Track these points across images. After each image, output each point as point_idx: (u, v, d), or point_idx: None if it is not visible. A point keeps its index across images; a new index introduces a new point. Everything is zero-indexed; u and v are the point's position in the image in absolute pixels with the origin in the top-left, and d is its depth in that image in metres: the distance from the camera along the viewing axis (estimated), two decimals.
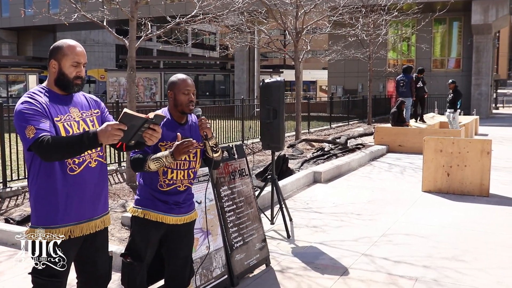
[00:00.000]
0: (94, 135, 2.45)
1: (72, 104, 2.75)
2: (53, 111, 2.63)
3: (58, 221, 2.63)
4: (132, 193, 7.50)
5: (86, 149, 2.54)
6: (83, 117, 2.75)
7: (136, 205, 3.22)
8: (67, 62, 2.69)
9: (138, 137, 2.54)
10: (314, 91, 48.56)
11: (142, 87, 31.81)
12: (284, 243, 5.47)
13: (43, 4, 21.06)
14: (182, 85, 3.19)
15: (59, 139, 2.51)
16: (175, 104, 3.20)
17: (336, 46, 19.41)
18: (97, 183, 2.77)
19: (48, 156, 2.51)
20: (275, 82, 5.77)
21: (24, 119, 2.53)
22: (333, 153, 11.22)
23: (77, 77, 2.71)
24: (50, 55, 2.73)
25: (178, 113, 3.22)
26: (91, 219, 2.75)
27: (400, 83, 15.84)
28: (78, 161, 2.66)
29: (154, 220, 3.16)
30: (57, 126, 2.60)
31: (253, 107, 16.81)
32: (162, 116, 2.59)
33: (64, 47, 2.71)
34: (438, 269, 4.70)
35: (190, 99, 3.19)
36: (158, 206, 3.17)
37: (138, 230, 3.21)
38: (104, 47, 49.56)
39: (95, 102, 2.90)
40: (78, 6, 8.31)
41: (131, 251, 3.24)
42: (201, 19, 9.84)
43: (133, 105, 8.02)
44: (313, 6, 13.30)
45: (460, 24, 28.97)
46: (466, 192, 7.86)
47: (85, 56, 2.76)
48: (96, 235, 2.80)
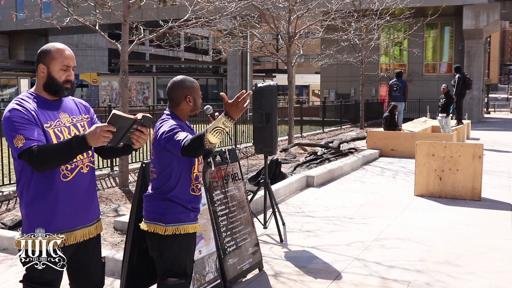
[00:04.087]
0: (83, 139, 2.42)
1: (62, 109, 2.70)
2: (43, 117, 2.58)
3: (52, 229, 2.58)
4: (124, 197, 7.47)
5: (77, 153, 2.51)
6: (74, 122, 2.71)
7: (167, 222, 2.99)
8: (56, 66, 2.64)
9: (126, 138, 2.51)
10: (306, 95, 48.68)
11: (135, 91, 31.76)
12: (277, 247, 5.47)
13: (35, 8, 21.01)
14: (198, 88, 3.16)
15: (49, 148, 2.47)
16: (193, 109, 3.13)
17: (329, 51, 19.48)
18: (89, 189, 2.74)
19: (39, 166, 2.47)
20: (267, 86, 5.78)
21: (12, 128, 2.49)
22: (326, 157, 11.24)
23: (66, 81, 2.66)
24: (38, 59, 2.68)
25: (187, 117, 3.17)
26: (85, 226, 2.72)
27: (394, 87, 15.96)
28: (71, 167, 2.62)
29: (192, 232, 3.08)
30: (47, 132, 2.55)
31: (246, 111, 16.82)
32: (151, 118, 2.55)
33: (53, 50, 2.66)
34: (430, 273, 4.71)
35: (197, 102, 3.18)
36: (190, 217, 3.06)
37: (181, 246, 3.03)
38: (97, 51, 49.43)
39: (85, 107, 2.86)
40: (71, 10, 8.29)
41: (174, 271, 3.04)
42: (194, 23, 9.84)
43: (126, 109, 7.99)
44: (305, 11, 13.34)
45: (451, 29, 29.19)
46: (458, 196, 7.89)
47: (74, 59, 2.72)
48: (89, 241, 2.76)
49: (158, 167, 3.04)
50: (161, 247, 3.02)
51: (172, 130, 2.89)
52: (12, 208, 6.79)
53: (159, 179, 3.04)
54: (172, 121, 2.99)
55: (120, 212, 6.63)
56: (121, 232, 5.61)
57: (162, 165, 3.01)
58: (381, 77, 27.82)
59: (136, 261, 3.70)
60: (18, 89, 28.55)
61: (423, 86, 28.45)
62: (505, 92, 77.93)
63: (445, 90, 14.69)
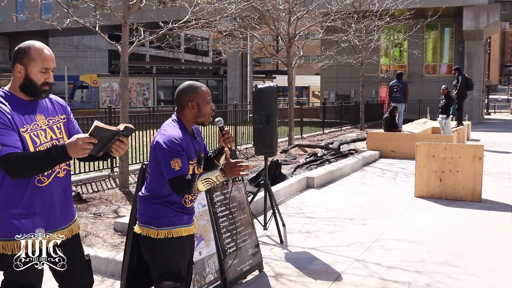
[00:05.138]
0: (63, 149, 2.36)
1: (38, 110, 2.59)
2: (19, 120, 2.47)
3: (24, 232, 2.51)
4: (124, 198, 7.48)
5: (56, 163, 2.46)
6: (50, 124, 2.62)
7: (159, 226, 2.97)
8: (34, 68, 2.52)
9: (106, 148, 2.48)
10: (306, 97, 48.69)
11: (135, 93, 31.77)
12: (277, 248, 5.47)
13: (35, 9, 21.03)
14: (205, 94, 3.03)
15: (27, 156, 2.40)
16: (197, 115, 3.01)
17: (329, 52, 19.49)
18: (64, 192, 2.68)
19: (16, 174, 2.40)
20: (267, 88, 5.78)
21: None
22: (326, 159, 11.24)
23: (45, 83, 2.56)
24: (15, 58, 2.54)
25: (193, 124, 3.08)
26: (57, 229, 2.64)
27: (394, 88, 15.97)
28: (47, 173, 2.55)
29: (185, 235, 3.04)
30: (23, 137, 2.46)
31: (246, 112, 16.83)
32: (133, 128, 2.51)
33: (32, 50, 2.53)
34: (430, 274, 4.71)
35: (212, 107, 3.06)
36: (183, 220, 3.03)
37: (174, 249, 3.00)
38: (97, 52, 49.48)
39: (61, 107, 2.75)
40: (71, 11, 8.30)
41: (169, 275, 3.01)
42: (194, 25, 9.85)
43: (126, 111, 8.01)
44: (305, 12, 13.35)
45: (451, 30, 29.20)
46: (459, 197, 7.89)
47: (54, 61, 2.60)
48: (68, 243, 2.69)
49: (152, 170, 2.99)
50: (154, 250, 3.00)
51: (170, 152, 2.85)
52: None
53: (153, 182, 3.00)
54: (173, 136, 2.89)
55: (120, 213, 6.63)
56: (121, 234, 5.61)
57: (156, 170, 2.96)
58: (381, 78, 27.83)
59: (136, 263, 3.70)
60: None
61: (423, 87, 28.45)
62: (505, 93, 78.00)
63: (445, 91, 14.69)
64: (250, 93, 29.57)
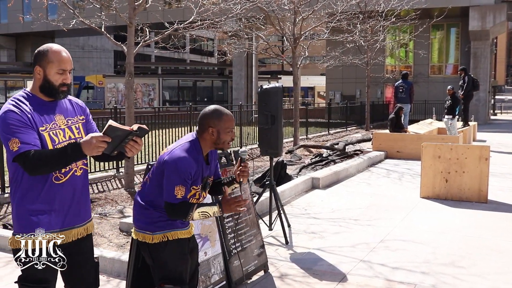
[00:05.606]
0: (78, 147, 2.43)
1: (58, 110, 2.70)
2: (38, 120, 2.58)
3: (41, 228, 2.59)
4: (130, 199, 7.49)
5: (72, 161, 2.54)
6: (69, 124, 2.71)
7: (154, 231, 2.97)
8: (52, 69, 2.62)
9: (120, 148, 2.54)
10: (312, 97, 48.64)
11: (140, 93, 31.82)
12: (282, 249, 5.47)
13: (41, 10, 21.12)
14: (228, 123, 2.98)
15: (44, 153, 2.47)
16: (215, 142, 2.97)
17: (334, 52, 19.46)
18: (81, 191, 2.75)
19: (34, 171, 2.49)
20: (273, 88, 5.78)
21: (8, 130, 2.49)
22: (331, 159, 11.22)
23: (62, 84, 2.65)
24: (35, 61, 2.66)
25: (211, 148, 3.04)
26: (73, 227, 2.72)
27: (399, 89, 15.93)
28: (65, 170, 2.63)
29: (183, 238, 3.03)
30: (42, 136, 2.56)
31: (251, 113, 16.84)
32: (146, 129, 2.54)
33: (49, 53, 2.63)
34: (436, 275, 4.70)
35: (232, 137, 3.02)
36: (176, 225, 3.01)
37: (171, 253, 2.99)
38: (102, 53, 49.61)
39: (81, 108, 2.84)
40: (76, 12, 8.33)
41: (169, 278, 3.00)
42: (199, 25, 9.86)
43: (131, 111, 8.03)
44: (311, 12, 13.34)
45: (457, 30, 29.08)
46: (465, 198, 7.86)
47: (71, 62, 2.70)
48: (80, 242, 2.77)
49: (155, 181, 2.97)
50: (151, 255, 3.01)
51: (178, 178, 2.83)
52: None
53: (153, 193, 2.98)
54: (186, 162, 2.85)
55: (126, 213, 6.65)
56: (127, 234, 5.63)
57: (159, 183, 2.94)
58: (387, 78, 27.76)
59: (141, 263, 3.70)
60: None
61: (429, 87, 28.36)
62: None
63: (451, 91, 14.63)
64: (256, 93, 29.56)
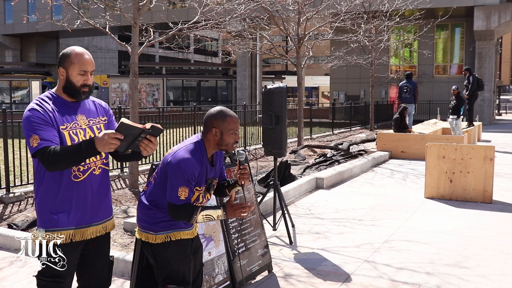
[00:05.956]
0: (91, 143, 2.50)
1: (80, 111, 2.79)
2: (60, 118, 2.67)
3: (59, 224, 2.69)
4: (134, 199, 7.51)
5: (86, 157, 2.60)
6: (90, 124, 2.79)
7: (157, 231, 2.97)
8: (74, 70, 2.72)
9: (134, 146, 2.57)
10: (316, 97, 48.63)
11: (145, 93, 31.88)
12: (286, 249, 5.47)
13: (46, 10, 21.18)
14: (231, 125, 2.96)
15: (60, 149, 2.55)
16: (219, 143, 2.97)
17: (338, 52, 19.45)
18: (100, 190, 2.82)
19: (50, 167, 2.57)
20: (277, 88, 5.79)
21: (30, 127, 2.59)
22: (335, 159, 11.21)
23: (84, 85, 2.75)
24: (59, 63, 2.77)
25: (215, 150, 3.02)
26: (90, 225, 2.79)
27: (404, 89, 15.91)
28: (83, 169, 2.71)
29: (186, 238, 3.03)
30: (62, 134, 2.65)
31: (256, 113, 16.83)
32: (160, 128, 2.56)
33: (72, 55, 2.73)
34: (440, 276, 4.68)
35: (236, 139, 3.00)
36: (179, 225, 3.00)
37: (175, 253, 2.99)
38: (107, 53, 49.72)
39: (103, 109, 2.93)
40: (81, 13, 8.35)
41: (172, 278, 3.00)
42: (203, 25, 9.87)
43: (136, 111, 8.04)
44: (315, 13, 13.33)
45: (462, 30, 28.99)
46: (469, 198, 7.84)
47: (93, 64, 2.80)
48: (98, 239, 2.84)
49: (160, 182, 2.97)
50: (154, 255, 3.01)
51: (182, 179, 2.83)
52: (23, 209, 6.84)
53: (157, 193, 2.98)
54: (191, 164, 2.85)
55: (130, 213, 6.66)
56: (131, 234, 5.64)
57: (163, 184, 2.94)
58: (391, 78, 27.71)
59: (146, 263, 3.71)
60: (29, 91, 28.73)
61: (433, 87, 28.28)
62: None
63: (456, 91, 14.60)
64: (260, 93, 29.57)
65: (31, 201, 7.24)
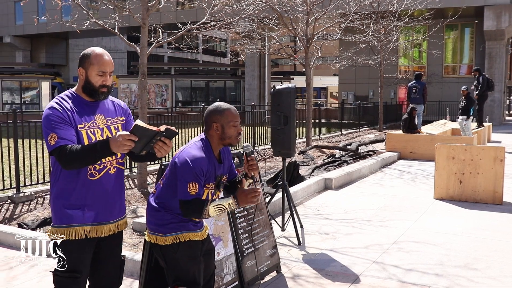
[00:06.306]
0: (106, 144, 2.54)
1: (98, 111, 2.84)
2: (78, 117, 2.72)
3: (74, 220, 2.74)
4: (143, 198, 7.53)
5: (101, 157, 2.66)
6: (108, 124, 2.84)
7: (166, 232, 2.97)
8: (93, 71, 2.77)
9: (149, 148, 2.60)
10: (324, 98, 48.55)
11: (153, 94, 31.96)
12: (295, 249, 5.46)
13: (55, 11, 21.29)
14: (230, 117, 3.01)
15: (76, 149, 2.59)
16: (221, 137, 3.00)
17: (347, 53, 19.39)
18: (114, 189, 2.87)
19: (67, 165, 2.63)
20: (286, 89, 5.78)
21: (49, 126, 2.65)
22: (344, 160, 11.18)
23: (102, 85, 2.79)
24: (79, 63, 2.82)
25: (220, 146, 3.04)
26: (105, 223, 2.84)
27: (412, 89, 15.83)
28: (99, 168, 2.76)
29: (195, 240, 3.02)
30: (80, 133, 2.70)
31: (264, 113, 16.84)
32: (174, 131, 2.58)
33: (91, 56, 2.78)
34: (450, 277, 4.65)
35: (238, 131, 3.03)
36: (188, 226, 3.01)
37: (183, 254, 2.99)
38: (116, 53, 49.88)
39: (122, 110, 2.98)
40: (90, 13, 8.39)
41: (182, 280, 3.00)
42: (212, 26, 9.88)
43: (145, 112, 8.07)
44: (323, 13, 13.31)
45: (472, 30, 28.82)
46: (479, 200, 7.78)
47: (112, 65, 2.84)
48: (110, 238, 2.89)
49: (168, 183, 2.99)
50: (164, 256, 3.02)
51: (191, 175, 2.84)
52: (33, 209, 6.89)
53: (165, 195, 2.99)
54: (198, 160, 2.88)
55: (139, 213, 6.68)
56: (140, 233, 5.66)
57: (172, 184, 2.96)
58: (400, 79, 27.60)
59: (154, 262, 3.72)
60: (39, 91, 28.91)
61: (442, 88, 28.14)
62: None
63: (466, 92, 14.51)
64: (268, 94, 29.56)
65: (41, 200, 7.28)
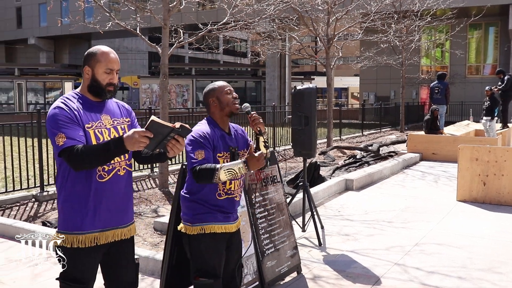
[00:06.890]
0: (120, 141, 2.43)
1: (104, 111, 2.75)
2: (85, 117, 2.63)
3: (84, 227, 2.63)
4: (164, 198, 7.58)
5: (114, 156, 2.54)
6: (114, 124, 2.75)
7: (194, 222, 3.06)
8: (100, 69, 2.68)
9: (162, 146, 2.51)
10: (345, 98, 48.26)
11: (174, 94, 32.19)
12: (315, 250, 5.44)
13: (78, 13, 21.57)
14: (222, 87, 3.18)
15: (88, 148, 2.50)
16: (221, 108, 3.14)
17: (368, 53, 19.24)
18: (124, 192, 2.76)
19: (77, 166, 2.51)
20: (307, 89, 5.76)
21: (55, 125, 2.55)
22: (365, 161, 11.10)
23: (109, 84, 2.71)
24: (84, 61, 2.73)
25: (225, 119, 3.16)
26: (117, 227, 2.73)
27: (435, 89, 15.63)
28: (108, 169, 2.65)
29: (219, 232, 3.06)
30: (87, 132, 2.60)
31: (285, 113, 16.81)
32: (189, 129, 2.54)
33: (98, 53, 2.70)
34: (473, 281, 4.58)
35: (234, 96, 3.15)
36: (217, 218, 3.06)
37: (207, 246, 3.05)
38: (137, 54, 50.40)
39: (127, 111, 2.89)
40: (112, 15, 8.48)
41: (203, 271, 3.07)
42: (233, 26, 9.90)
43: (166, 112, 8.12)
44: (344, 13, 13.24)
45: (496, 29, 28.37)
46: (503, 202, 7.65)
47: (119, 63, 2.76)
48: (122, 242, 2.78)
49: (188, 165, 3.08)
50: (190, 246, 3.11)
51: (195, 144, 3.01)
52: (56, 207, 6.98)
53: (189, 179, 3.11)
54: (201, 130, 3.07)
55: (160, 213, 6.73)
56: (161, 233, 5.69)
57: None
58: (422, 79, 27.29)
59: (175, 261, 3.75)
60: (62, 91, 29.36)
61: (465, 88, 27.74)
62: None
63: (489, 92, 14.27)
64: (289, 94, 29.51)
65: None
